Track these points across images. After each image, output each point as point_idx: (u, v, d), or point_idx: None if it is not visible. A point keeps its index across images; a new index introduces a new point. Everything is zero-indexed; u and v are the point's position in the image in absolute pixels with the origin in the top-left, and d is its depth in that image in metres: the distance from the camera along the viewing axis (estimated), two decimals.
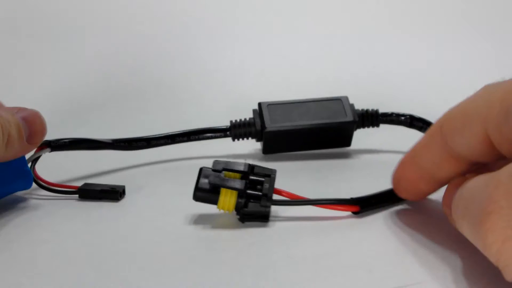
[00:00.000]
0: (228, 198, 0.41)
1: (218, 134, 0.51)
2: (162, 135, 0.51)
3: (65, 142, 0.46)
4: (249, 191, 0.41)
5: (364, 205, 0.42)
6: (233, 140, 0.52)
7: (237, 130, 0.51)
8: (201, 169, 0.42)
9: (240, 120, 0.52)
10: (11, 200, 0.45)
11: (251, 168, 0.42)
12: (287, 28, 0.72)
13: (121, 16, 0.74)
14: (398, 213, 0.43)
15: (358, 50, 0.71)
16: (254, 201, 0.41)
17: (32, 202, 0.45)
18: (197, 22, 0.73)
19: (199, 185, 0.41)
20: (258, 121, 0.51)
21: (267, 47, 0.70)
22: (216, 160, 0.42)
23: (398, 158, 0.42)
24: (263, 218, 0.42)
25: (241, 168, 0.42)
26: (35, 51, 0.70)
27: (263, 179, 0.42)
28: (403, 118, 0.52)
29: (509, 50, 0.70)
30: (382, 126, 0.53)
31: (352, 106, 0.52)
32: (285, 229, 0.41)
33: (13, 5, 0.73)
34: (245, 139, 0.52)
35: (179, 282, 0.35)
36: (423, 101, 0.61)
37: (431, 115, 0.48)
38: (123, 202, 0.45)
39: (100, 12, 0.74)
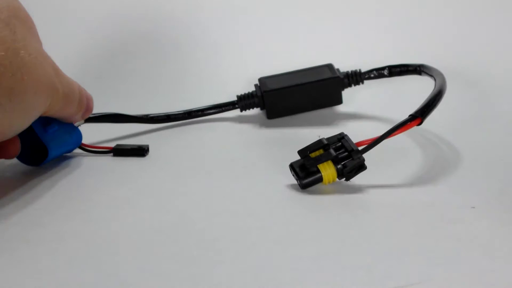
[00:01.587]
0: (329, 171, 0.44)
1: (228, 108, 0.57)
2: (181, 111, 0.57)
3: (97, 115, 0.52)
4: (340, 155, 0.45)
5: (423, 115, 0.45)
6: (241, 111, 0.57)
7: (243, 102, 0.57)
8: (291, 164, 0.45)
9: (245, 93, 0.57)
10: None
11: (326, 140, 0.45)
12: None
13: None
14: (398, 213, 0.43)
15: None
16: (347, 160, 0.45)
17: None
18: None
19: (301, 175, 0.45)
20: (259, 89, 0.57)
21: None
22: (299, 150, 0.45)
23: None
24: (361, 168, 0.45)
25: (321, 144, 0.45)
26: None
27: (340, 142, 0.45)
28: (382, 70, 0.58)
29: None
30: (366, 82, 0.58)
31: (337, 69, 0.57)
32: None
33: None
34: (251, 109, 0.57)
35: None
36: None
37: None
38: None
39: None
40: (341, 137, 0.46)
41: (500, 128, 0.54)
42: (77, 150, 0.52)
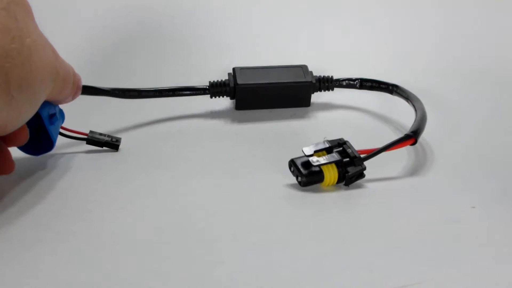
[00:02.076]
0: (331, 172, 0.45)
1: (199, 92, 0.56)
2: (152, 88, 0.55)
3: None
4: (344, 159, 0.45)
5: (416, 135, 0.47)
6: (211, 97, 0.57)
7: (214, 89, 0.56)
8: (292, 160, 0.45)
9: (217, 80, 0.56)
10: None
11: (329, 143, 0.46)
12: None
13: None
14: (398, 213, 0.43)
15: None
16: (349, 165, 0.45)
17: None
18: None
19: (304, 172, 0.45)
20: (232, 80, 0.56)
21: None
22: (304, 148, 0.46)
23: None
24: (361, 176, 0.45)
25: (326, 145, 0.46)
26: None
27: (341, 147, 0.46)
28: (353, 81, 0.58)
29: None
30: (336, 90, 0.57)
31: (311, 72, 0.57)
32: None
33: None
34: (221, 97, 0.57)
35: None
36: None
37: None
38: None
39: None
40: (343, 143, 0.46)
41: (500, 128, 0.54)
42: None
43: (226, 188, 0.46)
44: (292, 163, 0.46)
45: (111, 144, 0.51)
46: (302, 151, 0.46)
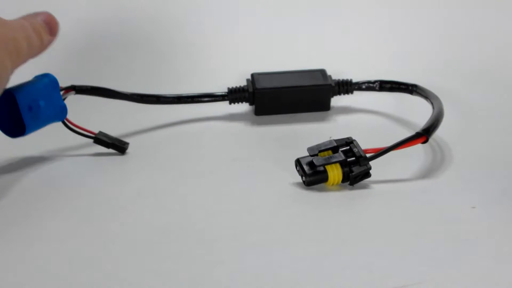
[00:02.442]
0: (335, 172, 0.45)
1: (217, 98, 0.56)
2: (171, 95, 0.55)
3: (87, 87, 0.51)
4: (348, 159, 0.45)
5: (428, 133, 0.46)
6: (230, 103, 0.56)
7: (233, 95, 0.56)
8: (298, 160, 0.46)
9: (236, 86, 0.57)
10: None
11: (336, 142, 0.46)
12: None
13: None
14: (398, 213, 0.43)
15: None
16: (354, 165, 0.45)
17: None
18: None
19: (308, 172, 0.45)
20: (250, 85, 0.56)
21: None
22: (309, 147, 0.46)
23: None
24: (366, 175, 0.45)
25: (332, 145, 0.46)
26: None
27: (348, 146, 0.46)
28: (373, 84, 0.57)
29: None
30: (356, 93, 0.57)
31: (330, 76, 0.57)
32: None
33: None
34: (240, 103, 0.57)
35: None
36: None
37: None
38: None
39: None
40: (350, 142, 0.46)
41: (500, 128, 0.54)
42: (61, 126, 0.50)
43: (227, 188, 0.46)
44: (297, 163, 0.46)
45: (118, 146, 0.51)
46: (307, 150, 0.46)
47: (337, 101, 0.57)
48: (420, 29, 0.65)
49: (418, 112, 0.54)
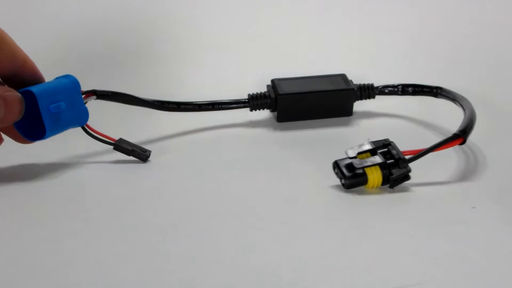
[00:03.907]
0: (375, 174, 0.44)
1: (238, 105, 0.56)
2: (191, 102, 0.55)
3: (108, 92, 0.51)
4: (388, 161, 0.44)
5: (465, 135, 0.46)
6: (251, 110, 0.56)
7: (254, 102, 0.55)
8: (336, 162, 0.45)
9: (257, 93, 0.56)
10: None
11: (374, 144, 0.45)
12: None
13: None
14: (398, 213, 0.43)
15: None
16: (393, 167, 0.44)
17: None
18: None
19: (347, 174, 0.44)
20: (272, 91, 0.55)
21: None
22: (347, 149, 0.45)
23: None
24: (406, 178, 0.44)
25: (370, 146, 0.45)
26: None
27: (386, 148, 0.45)
28: (395, 88, 0.57)
29: None
30: (377, 97, 0.57)
31: (351, 81, 0.56)
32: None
33: None
34: (261, 110, 0.56)
35: None
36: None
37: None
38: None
39: None
40: (388, 143, 0.46)
41: (501, 127, 0.53)
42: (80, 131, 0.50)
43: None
44: (335, 165, 0.45)
45: (140, 154, 0.50)
46: (345, 152, 0.45)
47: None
48: (420, 29, 0.66)
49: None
